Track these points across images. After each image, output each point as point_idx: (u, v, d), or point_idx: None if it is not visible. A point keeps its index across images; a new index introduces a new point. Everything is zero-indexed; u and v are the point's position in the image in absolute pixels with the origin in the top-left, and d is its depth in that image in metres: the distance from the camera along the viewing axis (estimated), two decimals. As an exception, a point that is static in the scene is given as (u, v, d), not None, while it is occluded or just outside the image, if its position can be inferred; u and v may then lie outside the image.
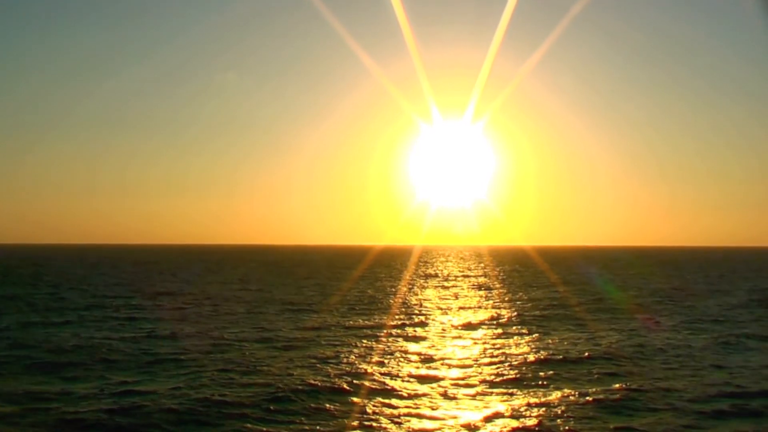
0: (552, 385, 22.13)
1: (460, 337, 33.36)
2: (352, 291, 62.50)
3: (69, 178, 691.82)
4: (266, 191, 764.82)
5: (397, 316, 42.02)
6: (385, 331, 35.38)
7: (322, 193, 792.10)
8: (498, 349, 29.55)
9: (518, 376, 23.68)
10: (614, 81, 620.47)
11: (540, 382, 22.63)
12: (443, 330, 35.89)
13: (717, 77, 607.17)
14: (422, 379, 23.07)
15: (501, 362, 26.26)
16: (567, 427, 17.52)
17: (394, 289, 65.16)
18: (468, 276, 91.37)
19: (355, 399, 20.21)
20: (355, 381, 22.52)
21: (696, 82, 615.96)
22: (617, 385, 22.06)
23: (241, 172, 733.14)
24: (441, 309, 46.85)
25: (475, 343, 31.22)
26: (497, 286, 71.41)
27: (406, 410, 19.16)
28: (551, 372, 24.17)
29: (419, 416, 18.61)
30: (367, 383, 22.20)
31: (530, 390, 21.56)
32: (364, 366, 25.25)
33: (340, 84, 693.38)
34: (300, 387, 21.39)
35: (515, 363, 26.05)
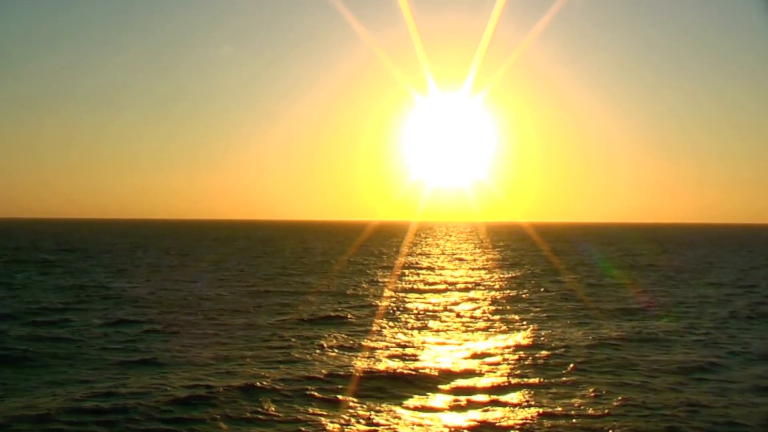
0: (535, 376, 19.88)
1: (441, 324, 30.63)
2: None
3: (47, 152, 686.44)
4: (248, 165, 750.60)
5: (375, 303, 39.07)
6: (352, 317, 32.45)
7: (309, 167, 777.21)
8: (473, 335, 27.28)
9: (485, 364, 21.24)
10: (627, 49, 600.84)
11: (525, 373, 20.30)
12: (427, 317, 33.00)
13: (741, 42, 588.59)
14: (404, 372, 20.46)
15: (470, 352, 23.86)
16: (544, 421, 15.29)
17: (376, 274, 62.46)
18: (460, 259, 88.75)
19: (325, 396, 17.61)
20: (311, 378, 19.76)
21: (718, 52, 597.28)
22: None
23: (219, 147, 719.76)
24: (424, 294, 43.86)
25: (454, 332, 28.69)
26: (487, 266, 68.91)
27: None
28: (531, 361, 21.85)
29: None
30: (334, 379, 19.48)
31: (506, 379, 19.28)
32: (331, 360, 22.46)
33: (328, 52, 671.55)
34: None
35: (486, 351, 23.70)
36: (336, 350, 23.27)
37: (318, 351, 23.05)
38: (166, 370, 19.96)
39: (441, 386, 18.59)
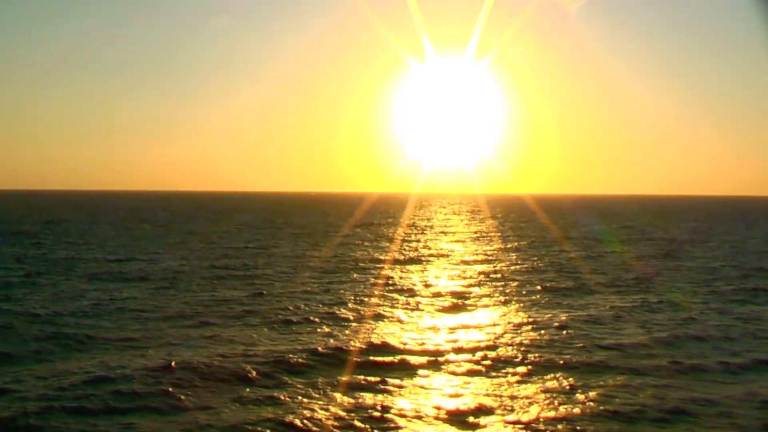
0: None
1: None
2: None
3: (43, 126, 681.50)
4: (221, 133, 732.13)
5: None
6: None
7: (286, 137, 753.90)
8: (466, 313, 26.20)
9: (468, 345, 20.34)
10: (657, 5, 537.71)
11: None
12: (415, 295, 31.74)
13: None
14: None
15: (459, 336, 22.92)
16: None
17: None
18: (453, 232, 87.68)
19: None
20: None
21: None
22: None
23: (183, 114, 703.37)
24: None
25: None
26: (472, 238, 67.80)
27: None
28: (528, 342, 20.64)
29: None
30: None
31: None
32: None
33: (310, 11, 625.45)
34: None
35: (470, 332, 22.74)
36: (281, 326, 22.22)
37: (260, 327, 21.97)
38: (87, 348, 18.86)
39: (382, 363, 17.61)
